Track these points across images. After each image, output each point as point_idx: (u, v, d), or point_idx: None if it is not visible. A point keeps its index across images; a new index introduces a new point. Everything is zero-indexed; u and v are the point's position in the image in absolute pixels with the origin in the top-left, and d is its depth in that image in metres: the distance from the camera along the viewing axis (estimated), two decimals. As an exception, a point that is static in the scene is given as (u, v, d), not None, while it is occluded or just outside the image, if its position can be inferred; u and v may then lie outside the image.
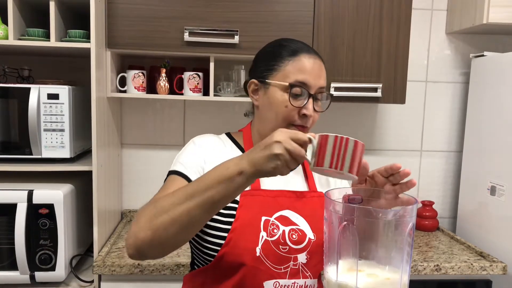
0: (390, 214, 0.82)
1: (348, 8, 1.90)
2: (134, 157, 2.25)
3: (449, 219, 2.44)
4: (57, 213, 1.62)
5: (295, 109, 1.06)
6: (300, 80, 1.05)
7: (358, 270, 0.79)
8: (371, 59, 1.93)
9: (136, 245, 0.91)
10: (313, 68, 1.07)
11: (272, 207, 1.08)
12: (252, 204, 1.07)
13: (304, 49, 1.09)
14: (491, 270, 1.81)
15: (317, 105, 1.08)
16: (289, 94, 1.05)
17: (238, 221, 1.04)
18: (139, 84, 1.93)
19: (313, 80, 1.06)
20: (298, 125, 1.08)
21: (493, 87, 2.03)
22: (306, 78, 1.05)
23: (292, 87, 1.05)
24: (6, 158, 1.71)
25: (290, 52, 1.08)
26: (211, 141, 1.14)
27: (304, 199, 1.12)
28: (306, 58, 1.07)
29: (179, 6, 1.82)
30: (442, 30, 2.32)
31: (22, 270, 1.62)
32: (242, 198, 1.07)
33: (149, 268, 1.68)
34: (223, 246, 1.03)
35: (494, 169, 2.01)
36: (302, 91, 1.06)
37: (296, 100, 1.06)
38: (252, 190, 1.09)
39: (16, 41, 1.66)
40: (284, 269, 1.05)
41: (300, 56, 1.07)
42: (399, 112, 2.34)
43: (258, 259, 1.03)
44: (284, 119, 1.07)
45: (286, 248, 1.05)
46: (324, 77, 1.09)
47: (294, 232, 1.06)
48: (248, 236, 1.03)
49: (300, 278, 1.06)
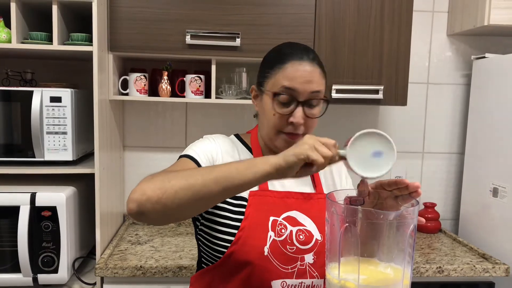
0: (392, 216, 0.82)
1: (349, 10, 1.90)
2: (136, 159, 2.25)
3: (451, 221, 2.43)
4: (60, 216, 1.62)
5: (284, 116, 1.06)
6: (287, 86, 1.05)
7: (359, 271, 0.80)
8: (373, 61, 1.93)
9: (140, 201, 0.88)
10: (301, 74, 1.05)
11: (280, 207, 1.09)
12: (260, 204, 1.08)
13: (294, 55, 1.07)
14: (494, 272, 1.81)
15: (310, 111, 1.07)
16: (273, 102, 1.06)
17: (247, 220, 1.06)
18: (141, 87, 1.93)
19: (301, 86, 1.04)
20: (287, 132, 1.08)
21: (495, 89, 2.03)
22: (293, 84, 1.04)
23: (276, 95, 1.06)
24: (9, 161, 1.71)
25: (279, 59, 1.08)
26: (221, 140, 1.16)
27: (311, 201, 1.13)
28: (295, 65, 1.06)
29: (181, 9, 1.83)
30: (443, 32, 2.32)
31: (25, 273, 1.62)
32: (250, 198, 1.08)
33: (151, 271, 1.68)
34: (232, 244, 1.05)
35: (496, 171, 2.00)
36: (290, 98, 1.05)
37: (283, 108, 1.06)
38: (260, 191, 1.10)
39: (19, 45, 1.67)
40: (292, 269, 1.06)
41: (288, 63, 1.06)
42: (401, 114, 2.34)
43: (266, 258, 1.04)
44: (273, 126, 1.08)
45: (293, 248, 1.06)
46: (317, 81, 1.07)
47: (301, 233, 1.08)
48: (257, 235, 1.05)
49: (307, 278, 1.07)
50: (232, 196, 0.96)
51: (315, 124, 1.10)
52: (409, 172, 2.38)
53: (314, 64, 1.08)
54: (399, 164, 2.37)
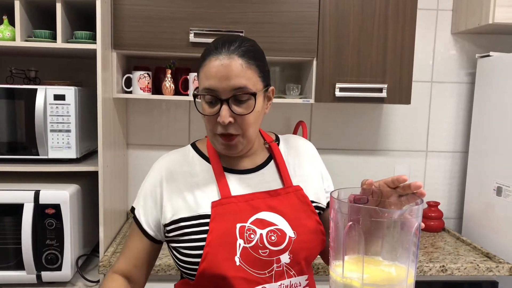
0: (396, 214, 0.82)
1: (354, 8, 1.90)
2: (139, 157, 2.26)
3: (455, 220, 2.43)
4: (64, 213, 1.63)
5: (212, 118, 1.00)
6: (206, 87, 0.98)
7: (363, 269, 0.79)
8: (377, 60, 1.92)
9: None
10: (218, 71, 0.97)
11: (246, 212, 1.04)
12: (224, 213, 1.03)
13: (212, 51, 0.99)
14: (497, 271, 1.80)
15: (238, 108, 0.99)
16: (195, 104, 1.02)
17: (212, 233, 1.01)
18: (145, 85, 1.94)
19: (219, 83, 0.97)
20: (220, 134, 1.01)
21: (499, 88, 2.02)
22: (211, 83, 0.97)
23: (195, 96, 1.03)
24: (13, 159, 1.72)
25: (202, 57, 1.02)
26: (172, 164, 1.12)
27: (279, 197, 1.08)
28: (212, 61, 0.98)
29: (184, 7, 1.83)
30: (447, 30, 2.31)
31: (29, 270, 1.63)
32: (213, 209, 1.03)
33: (155, 268, 1.68)
34: (201, 262, 1.00)
35: (500, 170, 2.00)
36: (213, 98, 0.99)
37: (210, 109, 1.00)
38: (222, 199, 1.04)
39: (23, 43, 1.68)
40: (269, 273, 1.02)
41: (206, 61, 0.99)
42: (405, 112, 2.34)
43: (239, 268, 0.99)
44: (208, 129, 1.04)
45: (266, 252, 1.01)
46: (238, 75, 0.97)
47: (273, 234, 1.03)
48: (225, 247, 1.00)
49: (286, 279, 1.03)
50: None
51: (250, 121, 1.01)
52: (413, 170, 2.37)
53: (234, 56, 0.97)
54: (403, 162, 2.37)
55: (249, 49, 1.01)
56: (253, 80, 1.00)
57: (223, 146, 1.04)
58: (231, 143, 1.03)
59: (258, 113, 1.03)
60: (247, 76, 0.98)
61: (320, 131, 2.30)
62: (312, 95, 1.94)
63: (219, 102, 0.99)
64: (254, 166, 1.12)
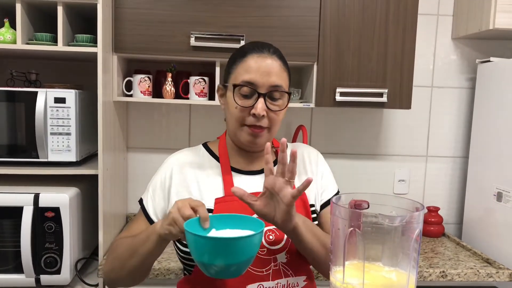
0: (397, 220, 0.82)
1: (354, 13, 1.90)
2: (139, 161, 2.26)
3: (455, 225, 2.42)
4: (63, 217, 1.62)
5: (245, 109, 1.07)
6: (246, 80, 1.06)
7: (364, 275, 0.79)
8: (377, 64, 1.93)
9: (105, 277, 1.15)
10: (260, 67, 1.06)
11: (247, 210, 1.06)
12: (226, 210, 1.07)
13: (254, 49, 1.09)
14: (498, 277, 1.80)
15: (272, 104, 1.07)
16: (235, 96, 1.07)
17: None
18: (145, 88, 1.94)
19: (260, 78, 1.05)
20: (250, 125, 1.08)
21: (499, 93, 2.02)
22: (252, 77, 1.05)
23: (235, 87, 1.07)
24: (13, 161, 1.72)
25: (240, 54, 1.10)
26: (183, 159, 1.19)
27: None
28: (254, 58, 1.07)
29: (185, 11, 1.83)
30: (448, 36, 2.32)
31: (28, 273, 1.62)
32: (216, 205, 1.09)
33: (154, 272, 1.68)
34: None
35: (501, 175, 1.99)
36: (250, 90, 1.06)
37: (244, 100, 1.07)
38: (226, 197, 1.10)
39: (24, 46, 1.68)
40: (266, 271, 1.06)
41: (248, 57, 1.08)
42: (405, 117, 2.34)
43: None
44: (236, 119, 1.09)
45: (264, 250, 1.06)
46: (277, 74, 1.07)
47: (271, 233, 1.07)
48: None
49: (283, 278, 1.07)
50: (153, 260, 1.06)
51: (279, 118, 1.10)
52: (413, 175, 2.37)
53: (274, 57, 1.09)
54: (403, 167, 2.36)
55: (283, 56, 1.12)
56: (286, 82, 1.11)
57: (250, 136, 1.09)
58: (259, 133, 1.08)
59: (284, 113, 1.12)
60: (283, 77, 1.09)
61: (321, 135, 2.30)
62: (313, 100, 1.94)
63: (255, 95, 1.06)
64: (260, 168, 1.17)
